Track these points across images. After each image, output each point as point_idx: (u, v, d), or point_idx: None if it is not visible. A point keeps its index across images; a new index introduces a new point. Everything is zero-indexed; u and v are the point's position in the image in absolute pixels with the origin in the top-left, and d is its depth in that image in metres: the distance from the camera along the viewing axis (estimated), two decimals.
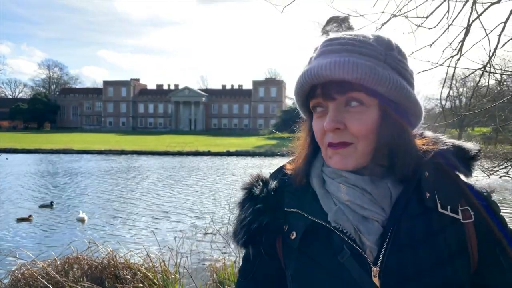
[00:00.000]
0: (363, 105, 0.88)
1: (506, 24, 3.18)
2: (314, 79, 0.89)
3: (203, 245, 8.72)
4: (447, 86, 4.00)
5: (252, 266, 1.06)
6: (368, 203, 0.90)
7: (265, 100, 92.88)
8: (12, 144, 43.31)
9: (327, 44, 0.93)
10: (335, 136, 0.89)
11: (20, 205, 14.71)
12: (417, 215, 0.89)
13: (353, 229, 0.89)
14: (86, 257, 5.12)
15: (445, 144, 0.98)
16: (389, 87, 0.88)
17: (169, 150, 41.26)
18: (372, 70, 0.86)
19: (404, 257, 0.87)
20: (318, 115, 0.93)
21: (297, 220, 0.97)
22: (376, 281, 0.86)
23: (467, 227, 0.90)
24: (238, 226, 1.01)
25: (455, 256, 0.88)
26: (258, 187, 1.02)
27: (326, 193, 0.95)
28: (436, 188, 0.91)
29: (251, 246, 1.00)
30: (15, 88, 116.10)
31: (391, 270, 0.86)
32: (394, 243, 0.87)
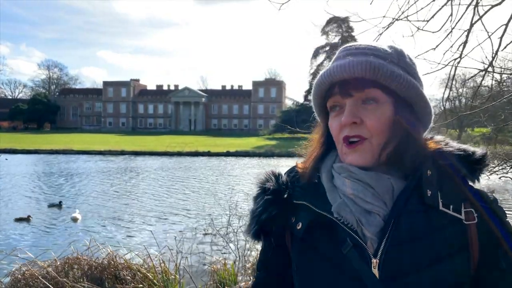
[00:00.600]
0: (379, 103, 0.96)
1: (507, 26, 3.18)
2: (332, 77, 0.96)
3: (203, 245, 8.72)
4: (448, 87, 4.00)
5: (265, 258, 1.14)
6: (370, 197, 0.94)
7: (265, 101, 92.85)
8: (12, 145, 43.28)
9: (343, 49, 1.03)
10: (351, 130, 0.95)
11: (20, 205, 14.70)
12: (418, 211, 0.93)
13: (355, 221, 0.94)
14: (86, 257, 5.12)
15: (451, 147, 1.01)
16: (402, 84, 0.95)
17: (169, 151, 41.25)
18: (386, 67, 0.94)
19: (403, 251, 0.90)
20: (335, 114, 1.00)
21: (304, 211, 1.02)
22: (376, 272, 0.90)
23: (469, 228, 0.92)
24: (251, 218, 1.08)
25: (454, 255, 0.90)
26: (270, 181, 1.09)
27: (333, 187, 1.01)
28: (439, 187, 0.94)
29: (262, 237, 1.08)
30: (14, 89, 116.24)
31: (390, 263, 0.90)
32: (394, 236, 0.91)
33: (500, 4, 3.21)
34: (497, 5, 3.21)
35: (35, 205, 14.73)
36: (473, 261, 0.92)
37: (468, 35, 3.32)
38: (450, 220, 0.92)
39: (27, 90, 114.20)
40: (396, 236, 0.90)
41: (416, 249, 0.89)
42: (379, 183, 0.94)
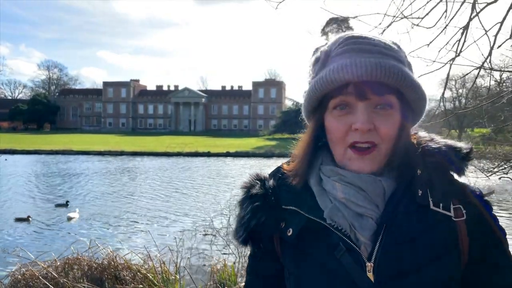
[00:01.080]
0: (393, 109, 0.92)
1: (502, 24, 3.18)
2: (350, 76, 0.88)
3: (203, 246, 8.71)
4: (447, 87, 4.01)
5: (255, 263, 1.12)
6: (362, 200, 0.92)
7: (265, 101, 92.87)
8: (12, 145, 43.26)
9: (354, 41, 0.93)
10: (363, 136, 0.90)
11: (20, 205, 14.70)
12: (410, 212, 0.92)
13: (348, 226, 0.92)
14: (86, 257, 5.12)
15: (438, 143, 1.00)
16: (419, 94, 0.94)
17: (169, 151, 41.24)
18: (410, 76, 0.91)
19: (397, 253, 0.89)
20: (340, 114, 0.93)
21: (294, 217, 0.99)
22: (371, 276, 0.89)
23: (458, 225, 0.92)
24: (238, 224, 1.04)
25: (446, 253, 0.90)
26: (256, 185, 1.05)
27: (323, 190, 0.98)
28: (429, 185, 0.93)
29: (251, 243, 1.04)
30: (14, 89, 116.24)
31: (385, 266, 0.89)
32: (387, 239, 0.90)
33: (495, 1, 3.22)
34: (493, 3, 3.22)
35: (35, 205, 14.73)
36: (463, 258, 0.92)
37: (464, 33, 3.33)
38: (441, 219, 0.91)
39: (27, 90, 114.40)
40: (389, 239, 0.90)
41: (410, 251, 0.89)
42: (370, 185, 0.92)
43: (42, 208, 14.24)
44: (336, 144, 0.96)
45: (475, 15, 3.24)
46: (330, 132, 0.96)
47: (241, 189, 1.07)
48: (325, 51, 0.97)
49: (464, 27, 3.33)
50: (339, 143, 0.95)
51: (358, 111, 0.90)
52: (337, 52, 0.94)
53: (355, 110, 0.91)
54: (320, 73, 0.95)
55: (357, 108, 0.91)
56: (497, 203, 14.74)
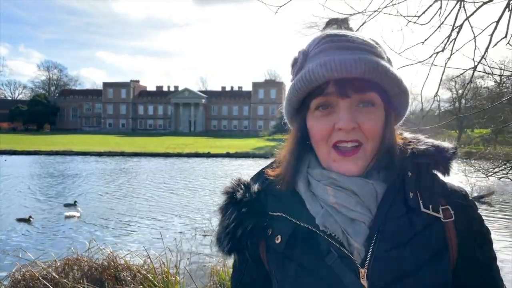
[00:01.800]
0: (375, 106, 0.90)
1: (498, 24, 3.18)
2: (331, 74, 0.86)
3: (203, 246, 8.71)
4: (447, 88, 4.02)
5: (240, 273, 1.06)
6: (354, 205, 0.90)
7: (265, 102, 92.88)
8: (12, 146, 43.28)
9: (330, 39, 0.92)
10: (348, 135, 0.88)
11: (20, 206, 14.70)
12: (402, 216, 0.90)
13: (340, 232, 0.89)
14: (86, 258, 5.12)
15: (425, 144, 0.98)
16: (401, 88, 0.92)
17: (169, 152, 41.26)
18: (390, 71, 0.89)
19: (391, 258, 0.87)
20: (322, 114, 0.91)
21: (282, 223, 0.96)
22: (364, 282, 0.86)
23: (447, 226, 0.91)
24: (223, 233, 0.98)
25: (439, 254, 0.89)
26: (240, 191, 1.00)
27: (312, 195, 0.95)
28: (418, 187, 0.92)
29: (236, 253, 0.99)
30: (14, 90, 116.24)
31: (378, 271, 0.87)
32: (380, 244, 0.88)
33: (491, 1, 3.22)
34: (488, 2, 3.22)
35: (36, 206, 14.72)
36: (452, 259, 0.91)
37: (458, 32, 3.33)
38: (431, 221, 0.90)
39: (27, 91, 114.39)
40: (383, 244, 0.87)
41: (403, 255, 0.87)
42: (362, 189, 0.89)
43: (43, 208, 14.24)
44: (320, 145, 0.93)
45: (471, 14, 3.24)
46: (313, 133, 0.93)
47: (222, 194, 1.02)
48: (303, 52, 0.95)
49: (459, 26, 3.33)
50: (323, 144, 0.92)
51: (340, 110, 0.88)
52: (315, 52, 0.92)
53: (337, 109, 0.89)
54: (299, 73, 0.92)
55: (339, 107, 0.88)
56: (497, 203, 14.75)
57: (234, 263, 1.08)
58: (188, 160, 36.52)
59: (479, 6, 3.23)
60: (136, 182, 21.77)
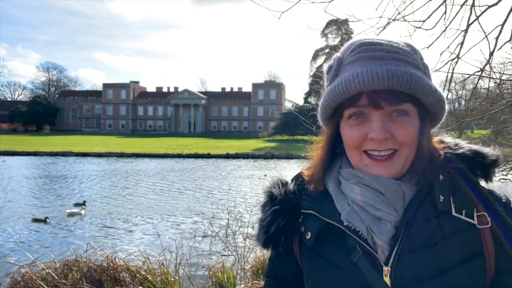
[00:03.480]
0: (409, 116, 0.90)
1: (503, 27, 3.18)
2: (363, 86, 0.87)
3: (202, 247, 8.70)
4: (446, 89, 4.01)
5: (274, 266, 1.11)
6: (381, 204, 0.91)
7: (265, 103, 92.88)
8: (12, 147, 43.27)
9: (366, 49, 0.92)
10: (381, 145, 0.90)
11: (20, 206, 14.69)
12: (430, 218, 0.90)
13: (365, 229, 0.91)
14: (85, 259, 5.11)
15: (463, 149, 0.98)
16: (436, 99, 0.92)
17: (169, 153, 41.25)
18: (424, 82, 0.89)
19: (415, 259, 0.87)
20: (355, 123, 0.93)
21: (312, 221, 1.00)
22: (387, 280, 0.88)
23: (483, 233, 0.89)
24: (259, 227, 1.05)
25: (468, 261, 0.87)
26: (277, 190, 1.06)
27: (341, 193, 0.98)
28: (451, 191, 0.91)
29: (271, 246, 1.04)
30: (14, 91, 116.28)
31: (402, 271, 0.87)
32: (405, 244, 0.89)
33: (496, 4, 3.21)
34: (494, 5, 3.21)
35: (36, 206, 14.71)
36: (489, 267, 0.89)
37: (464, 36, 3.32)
38: (463, 226, 0.89)
39: (27, 92, 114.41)
40: (408, 244, 0.88)
41: (428, 257, 0.87)
42: (389, 189, 0.91)
43: (42, 209, 14.23)
44: (351, 151, 0.95)
45: (476, 18, 3.23)
46: (346, 140, 0.96)
47: (263, 192, 1.08)
48: (337, 59, 0.96)
49: (465, 30, 3.32)
50: (355, 150, 0.94)
51: (373, 120, 0.90)
52: (349, 60, 0.93)
53: (370, 119, 0.90)
54: (333, 82, 0.94)
55: (372, 117, 0.90)
56: None
57: (269, 257, 1.14)
58: (187, 161, 36.51)
59: (484, 10, 3.22)
60: (136, 183, 21.76)
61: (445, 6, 3.28)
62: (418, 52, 0.95)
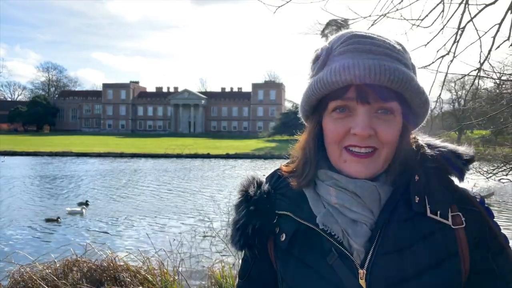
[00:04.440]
0: (394, 114, 0.88)
1: (500, 26, 3.18)
2: (353, 78, 0.84)
3: (202, 247, 8.70)
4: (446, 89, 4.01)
5: (248, 267, 1.09)
6: (356, 206, 0.89)
7: (265, 103, 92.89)
8: (11, 147, 43.26)
9: (357, 41, 0.89)
10: (363, 141, 0.87)
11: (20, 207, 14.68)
12: (406, 219, 0.89)
13: (341, 232, 0.90)
14: (85, 259, 5.11)
15: (438, 148, 0.96)
16: (422, 99, 0.90)
17: (168, 153, 41.24)
18: (413, 82, 0.88)
19: (391, 261, 0.86)
20: (339, 116, 0.89)
21: (287, 222, 0.98)
22: (363, 283, 0.87)
23: (457, 233, 0.88)
24: (233, 229, 1.02)
25: (444, 262, 0.87)
26: (252, 189, 1.03)
27: (316, 195, 0.95)
28: (426, 192, 0.90)
29: (247, 248, 1.02)
30: (14, 91, 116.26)
31: (378, 273, 0.86)
32: (381, 246, 0.87)
33: (493, 3, 3.21)
34: (491, 4, 3.21)
35: (35, 206, 14.71)
36: (463, 267, 0.88)
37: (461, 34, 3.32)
38: (438, 226, 0.88)
39: (27, 92, 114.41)
40: (383, 246, 0.87)
41: (404, 259, 0.86)
42: (365, 191, 0.89)
43: (42, 209, 14.22)
44: (332, 145, 0.92)
45: (473, 17, 3.23)
46: (327, 134, 0.92)
47: (238, 192, 1.05)
48: (326, 49, 0.92)
49: (462, 28, 3.32)
50: (335, 145, 0.91)
51: (358, 115, 0.87)
52: (339, 51, 0.89)
53: (355, 113, 0.87)
54: (320, 72, 0.90)
55: (357, 112, 0.87)
56: (497, 205, 14.75)
57: (243, 258, 1.11)
58: (187, 161, 36.50)
59: (481, 8, 3.22)
60: (135, 183, 21.76)
61: (443, 5, 3.28)
62: (408, 52, 0.93)
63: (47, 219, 12.57)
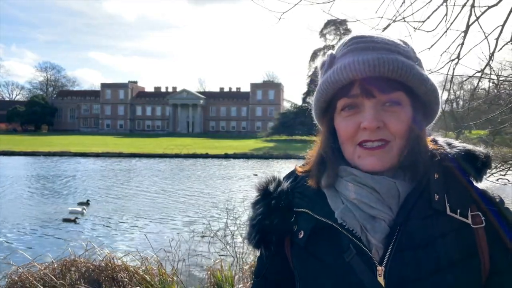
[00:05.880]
0: (401, 105, 0.90)
1: (503, 28, 3.18)
2: (354, 73, 0.87)
3: (200, 247, 8.70)
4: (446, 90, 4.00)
5: (264, 266, 1.09)
6: (375, 202, 0.90)
7: (263, 103, 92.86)
8: (10, 147, 43.16)
9: (357, 41, 0.93)
10: (373, 134, 0.89)
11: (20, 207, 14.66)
12: (425, 217, 0.89)
13: (359, 228, 0.90)
14: (83, 259, 5.10)
15: (456, 148, 0.97)
16: (428, 88, 0.92)
17: (167, 153, 41.21)
18: (416, 69, 0.89)
19: (410, 258, 0.86)
20: (348, 114, 0.92)
21: (305, 220, 0.99)
22: (381, 280, 0.86)
23: (477, 232, 0.89)
24: (250, 225, 1.03)
25: (463, 261, 0.87)
26: (270, 187, 1.04)
27: (335, 191, 0.96)
28: (446, 190, 0.91)
29: (263, 246, 1.02)
30: (12, 91, 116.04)
31: (396, 270, 0.86)
32: (400, 243, 0.87)
33: (496, 5, 3.20)
34: (494, 6, 3.20)
35: (35, 206, 14.68)
36: (483, 267, 0.88)
37: (464, 37, 3.32)
38: (457, 225, 0.88)
39: (25, 92, 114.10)
40: (403, 243, 0.87)
41: (423, 256, 0.86)
42: (384, 187, 0.90)
43: (41, 209, 14.20)
44: (346, 144, 0.94)
45: (476, 19, 3.22)
46: (340, 133, 0.95)
47: (255, 190, 1.06)
48: (331, 54, 0.97)
49: (465, 30, 3.32)
50: (349, 143, 0.93)
51: (366, 110, 0.89)
52: (342, 53, 0.94)
53: (363, 109, 0.90)
54: (325, 75, 0.95)
55: (364, 107, 0.90)
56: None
57: (259, 257, 1.11)
58: (186, 161, 36.48)
59: (484, 10, 3.22)
60: (134, 183, 21.74)
61: (446, 7, 3.27)
62: (410, 46, 0.95)
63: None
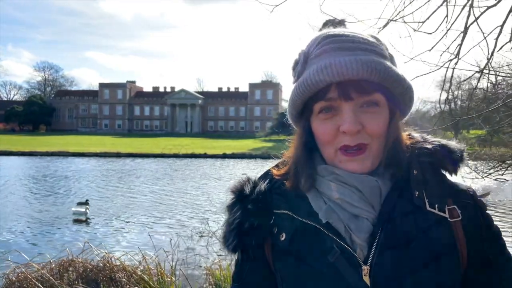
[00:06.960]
0: (379, 106, 0.89)
1: (503, 28, 3.18)
2: (332, 77, 0.85)
3: (198, 247, 8.70)
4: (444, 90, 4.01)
5: (242, 270, 1.05)
6: (358, 201, 0.89)
7: (262, 103, 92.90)
8: (7, 147, 43.06)
9: (332, 40, 0.91)
10: (352, 139, 0.87)
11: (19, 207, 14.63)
12: (406, 214, 0.90)
13: (343, 228, 0.89)
14: (81, 259, 5.10)
15: (432, 143, 0.97)
16: (405, 88, 0.92)
17: (165, 153, 41.19)
18: (392, 71, 0.89)
19: (394, 256, 0.86)
20: (326, 117, 0.90)
21: (286, 221, 0.96)
22: (367, 280, 0.86)
23: (454, 226, 0.90)
24: (227, 230, 0.98)
25: (444, 255, 0.88)
26: (246, 189, 1.00)
27: (316, 192, 0.95)
28: (424, 186, 0.91)
29: (240, 250, 1.00)
30: (10, 91, 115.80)
31: (381, 269, 0.86)
32: (384, 241, 0.87)
33: (495, 5, 3.21)
34: (493, 6, 3.21)
35: (35, 207, 14.65)
36: (462, 259, 0.90)
37: (464, 37, 3.32)
38: (437, 220, 0.90)
39: (23, 92, 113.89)
40: (386, 241, 0.87)
41: (407, 253, 0.86)
42: (366, 185, 0.89)
43: (40, 209, 14.17)
44: (325, 147, 0.92)
45: (476, 18, 3.23)
46: (318, 136, 0.93)
47: (230, 192, 1.02)
48: (303, 53, 0.94)
49: (464, 31, 3.32)
50: (329, 146, 0.91)
51: (344, 113, 0.87)
52: (316, 54, 0.91)
53: (341, 111, 0.88)
54: (301, 76, 0.92)
55: (342, 110, 0.88)
56: (492, 204, 14.80)
57: (237, 261, 1.06)
58: (184, 161, 36.46)
59: (484, 10, 3.22)
60: (132, 183, 21.72)
61: (447, 8, 3.27)
62: (383, 43, 0.94)
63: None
